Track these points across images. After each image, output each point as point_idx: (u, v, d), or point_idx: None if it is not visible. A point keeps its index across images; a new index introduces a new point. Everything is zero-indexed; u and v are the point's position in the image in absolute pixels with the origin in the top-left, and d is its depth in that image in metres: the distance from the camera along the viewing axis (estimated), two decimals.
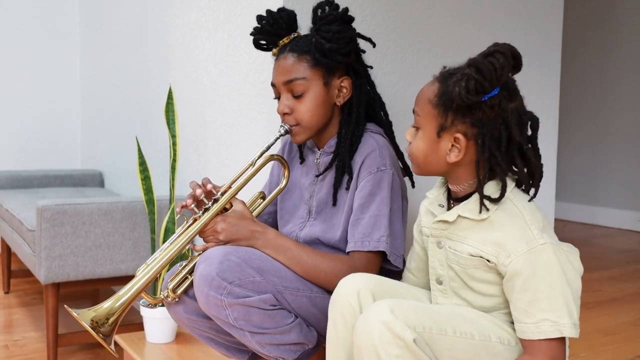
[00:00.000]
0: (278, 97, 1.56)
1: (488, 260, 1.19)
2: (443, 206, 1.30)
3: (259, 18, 1.59)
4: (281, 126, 1.53)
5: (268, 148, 1.52)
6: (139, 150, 2.28)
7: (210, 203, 1.46)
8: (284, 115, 1.54)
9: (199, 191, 1.44)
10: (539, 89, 2.48)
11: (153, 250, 2.28)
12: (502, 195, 1.19)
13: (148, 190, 2.27)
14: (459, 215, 1.23)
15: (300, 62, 1.51)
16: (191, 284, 1.49)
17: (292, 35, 1.57)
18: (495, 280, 1.21)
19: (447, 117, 1.19)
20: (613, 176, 4.26)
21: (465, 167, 1.23)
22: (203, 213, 1.46)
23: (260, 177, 1.76)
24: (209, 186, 1.46)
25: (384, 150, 1.52)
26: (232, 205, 1.49)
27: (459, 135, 1.19)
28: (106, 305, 1.39)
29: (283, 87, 1.53)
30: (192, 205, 1.45)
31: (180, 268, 1.52)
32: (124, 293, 1.40)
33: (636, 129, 4.13)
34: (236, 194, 1.50)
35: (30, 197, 3.04)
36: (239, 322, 1.37)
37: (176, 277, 1.51)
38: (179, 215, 1.47)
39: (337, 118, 1.59)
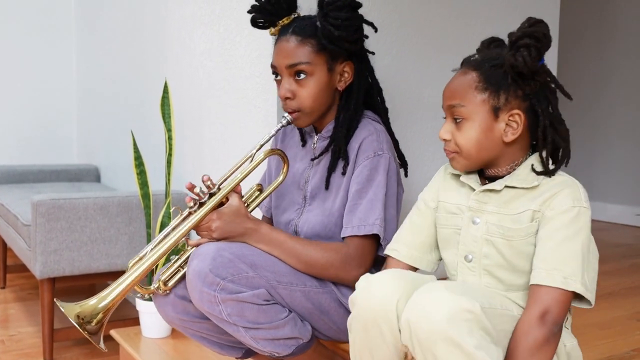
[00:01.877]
0: (275, 75, 1.55)
1: (533, 218, 1.20)
2: (479, 183, 1.31)
3: None
4: (283, 117, 1.52)
5: (269, 139, 1.51)
6: (135, 144, 2.27)
7: (206, 197, 1.44)
8: (285, 99, 1.52)
9: (196, 190, 1.43)
10: None
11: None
12: (563, 159, 1.24)
13: (144, 184, 2.27)
14: (506, 186, 1.24)
15: (305, 46, 1.50)
16: (183, 277, 1.49)
17: (293, 16, 1.55)
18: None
19: (499, 96, 1.21)
20: (609, 171, 4.27)
21: (518, 144, 1.25)
22: (198, 208, 1.44)
23: (258, 169, 1.76)
24: (207, 181, 1.45)
25: (381, 135, 1.52)
26: (227, 200, 1.47)
27: (516, 111, 1.21)
28: (91, 302, 1.38)
29: (285, 71, 1.51)
30: (190, 204, 1.44)
31: (172, 261, 1.51)
32: (110, 292, 1.39)
33: (632, 123, 4.13)
34: (233, 189, 1.48)
35: (26, 192, 3.04)
36: (232, 317, 1.37)
37: (168, 270, 1.50)
38: (173, 208, 1.46)
39: (336, 103, 1.58)
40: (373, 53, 1.63)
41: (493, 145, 1.24)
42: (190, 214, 1.46)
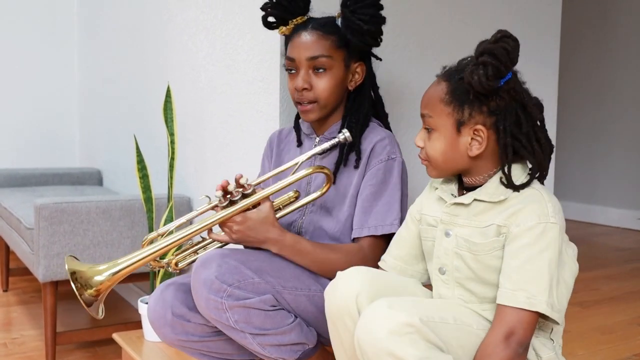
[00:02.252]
0: (289, 70, 1.57)
1: (499, 232, 1.18)
2: (455, 196, 1.30)
3: None
4: (341, 133, 1.48)
5: (322, 152, 1.49)
6: (137, 148, 2.28)
7: (238, 196, 1.43)
8: (302, 90, 1.54)
9: (230, 187, 1.43)
10: (536, 86, 2.45)
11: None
12: (533, 177, 1.21)
13: (146, 188, 2.27)
14: (475, 199, 1.23)
15: (326, 41, 1.54)
16: (192, 262, 1.50)
17: (306, 17, 1.59)
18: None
19: (463, 111, 1.20)
20: (611, 174, 4.26)
21: (486, 158, 1.23)
22: (228, 205, 1.43)
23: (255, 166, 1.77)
24: (241, 181, 1.43)
25: (392, 139, 1.56)
26: (259, 204, 1.45)
27: (479, 127, 1.20)
28: (99, 268, 1.38)
29: (305, 63, 1.54)
30: (220, 194, 1.43)
31: (188, 245, 1.52)
32: (120, 264, 1.39)
33: (633, 127, 4.14)
34: (268, 196, 1.45)
35: (29, 196, 3.04)
36: (239, 324, 1.37)
37: (183, 252, 1.52)
38: (202, 196, 1.45)
39: (342, 104, 1.62)
40: (380, 59, 1.67)
41: (459, 157, 1.23)
42: (217, 206, 1.44)
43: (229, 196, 1.42)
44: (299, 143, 1.67)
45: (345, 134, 1.46)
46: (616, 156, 4.22)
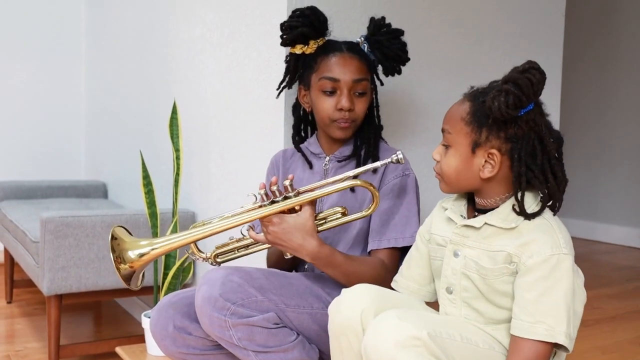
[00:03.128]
0: (327, 91, 1.60)
1: (510, 261, 1.20)
2: (464, 217, 1.32)
3: (303, 10, 1.65)
4: (396, 154, 1.44)
5: (370, 169, 1.47)
6: (143, 164, 2.30)
7: (280, 197, 1.43)
8: (348, 111, 1.59)
9: (273, 187, 1.43)
10: None
11: (155, 263, 2.29)
12: (544, 206, 1.23)
13: (151, 203, 2.29)
14: (486, 223, 1.25)
15: (365, 65, 1.63)
16: (234, 258, 1.55)
17: (326, 38, 1.66)
18: (512, 293, 1.23)
19: (481, 133, 1.22)
20: (614, 192, 4.27)
21: (497, 182, 1.26)
22: (270, 204, 1.43)
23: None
24: (286, 182, 1.43)
25: (404, 156, 1.57)
26: (300, 209, 1.44)
27: (494, 151, 1.22)
28: (141, 242, 1.42)
29: (349, 85, 1.59)
30: (262, 192, 1.43)
31: (230, 240, 1.54)
32: (161, 242, 1.43)
33: (636, 144, 4.14)
34: (309, 202, 1.44)
35: (35, 208, 3.07)
36: (243, 342, 1.38)
37: (224, 247, 1.54)
38: (249, 194, 1.46)
39: None
40: (382, 83, 1.75)
41: (470, 177, 1.26)
42: (261, 205, 1.44)
43: (271, 195, 1.43)
44: (310, 165, 1.70)
45: (399, 155, 1.43)
46: (619, 173, 4.23)
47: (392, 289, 1.43)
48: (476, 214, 1.30)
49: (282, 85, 1.78)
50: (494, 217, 1.24)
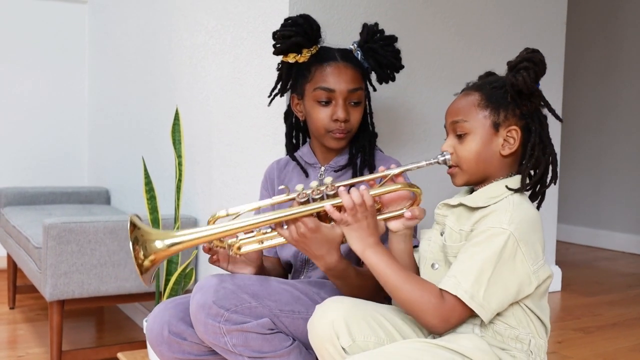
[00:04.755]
0: (322, 101, 1.59)
1: (466, 236, 1.28)
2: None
3: (296, 19, 1.63)
4: (441, 155, 1.36)
5: (414, 168, 1.39)
6: (145, 170, 2.31)
7: (318, 196, 1.34)
8: (343, 122, 1.58)
9: (313, 183, 1.36)
10: None
11: (157, 269, 2.30)
12: (545, 179, 1.35)
13: (153, 209, 2.30)
14: (460, 203, 1.33)
15: (358, 74, 1.63)
16: (257, 250, 1.46)
17: (319, 46, 1.65)
18: None
19: (499, 114, 1.32)
20: (616, 199, 4.27)
21: (510, 160, 1.34)
22: (305, 202, 1.35)
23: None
24: (326, 180, 1.36)
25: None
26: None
27: (514, 127, 1.31)
28: (164, 232, 1.33)
29: (345, 95, 1.59)
30: (300, 188, 1.35)
31: (257, 232, 1.43)
32: (186, 235, 1.33)
33: (638, 150, 4.14)
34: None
35: (38, 214, 3.08)
36: (238, 348, 1.39)
37: (248, 236, 1.42)
38: (282, 187, 1.39)
39: None
40: (375, 89, 1.73)
41: (491, 156, 1.33)
42: (294, 199, 1.37)
43: (308, 192, 1.35)
44: (306, 174, 1.70)
45: (446, 155, 1.36)
46: (621, 180, 4.23)
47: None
48: None
49: (274, 94, 1.76)
50: (469, 198, 1.33)
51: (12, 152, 4.15)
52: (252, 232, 1.44)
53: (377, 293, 1.46)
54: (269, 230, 1.43)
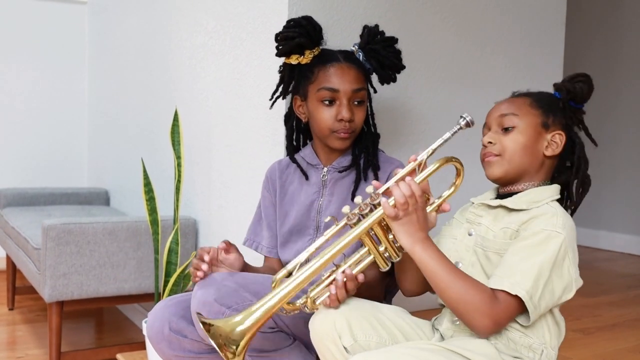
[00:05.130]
0: (326, 101, 1.59)
1: (512, 236, 1.28)
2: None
3: (298, 20, 1.63)
4: (462, 118, 1.31)
5: (442, 143, 1.31)
6: (144, 171, 2.31)
7: (367, 209, 1.27)
8: (348, 121, 1.59)
9: (357, 199, 1.29)
10: None
11: (157, 270, 2.30)
12: (585, 192, 1.43)
13: (152, 210, 2.30)
14: (500, 205, 1.33)
15: (361, 74, 1.64)
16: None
17: (320, 47, 1.66)
18: None
19: (548, 116, 1.36)
20: (616, 200, 4.26)
21: (545, 165, 1.37)
22: (357, 221, 1.27)
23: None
24: (368, 189, 1.29)
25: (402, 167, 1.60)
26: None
27: (561, 132, 1.36)
28: (235, 320, 1.21)
29: (349, 95, 1.59)
30: (347, 210, 1.28)
31: (323, 278, 1.33)
32: (258, 308, 1.22)
33: (639, 151, 4.14)
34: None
35: (37, 215, 3.08)
36: None
37: (318, 287, 1.33)
38: (328, 219, 1.32)
39: None
40: (376, 91, 1.73)
41: (534, 153, 1.35)
42: (346, 224, 1.29)
43: (356, 211, 1.28)
44: (306, 177, 1.70)
45: (467, 117, 1.31)
46: (621, 181, 4.23)
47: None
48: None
49: (275, 96, 1.76)
50: (510, 201, 1.33)
51: (12, 153, 4.15)
52: (323, 282, 1.33)
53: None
54: (334, 274, 1.32)
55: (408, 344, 1.28)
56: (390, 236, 1.30)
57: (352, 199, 1.61)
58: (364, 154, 1.65)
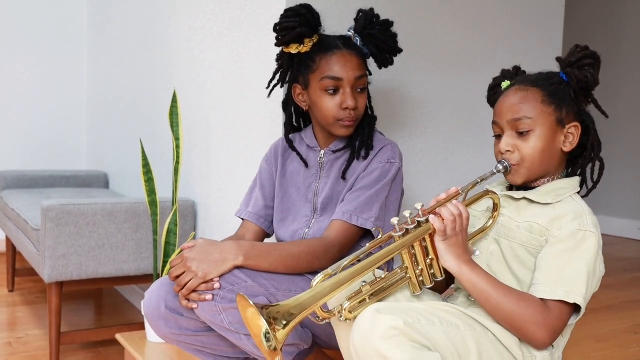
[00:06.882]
0: (330, 89, 1.59)
1: (541, 234, 1.28)
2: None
3: (297, 9, 1.61)
4: (500, 163, 1.34)
5: (480, 182, 1.34)
6: (143, 152, 2.32)
7: (413, 225, 1.27)
8: (353, 109, 1.60)
9: (406, 213, 1.28)
10: None
11: (155, 251, 2.32)
12: (601, 174, 1.39)
13: (151, 192, 2.31)
14: (524, 197, 1.34)
15: (363, 60, 1.64)
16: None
17: (319, 35, 1.64)
18: (530, 267, 1.30)
19: (562, 110, 1.32)
20: (614, 185, 4.28)
21: (564, 159, 1.37)
22: (404, 234, 1.27)
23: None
24: (417, 205, 1.30)
25: (395, 147, 1.65)
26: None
27: (576, 123, 1.33)
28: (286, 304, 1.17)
29: (352, 82, 1.60)
30: (395, 222, 1.28)
31: (361, 286, 1.28)
32: (296, 305, 1.17)
33: (637, 137, 4.15)
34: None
35: (36, 197, 3.09)
36: (234, 325, 1.40)
37: (356, 296, 1.27)
38: (374, 229, 1.44)
39: None
40: (371, 73, 1.72)
41: (554, 154, 1.33)
42: (392, 236, 1.29)
43: (404, 225, 1.28)
44: (306, 164, 1.71)
45: (505, 163, 1.34)
46: (619, 166, 4.24)
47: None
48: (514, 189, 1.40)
49: (273, 84, 1.75)
50: (534, 194, 1.33)
51: (11, 136, 4.16)
52: (361, 291, 1.28)
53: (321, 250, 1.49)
54: (375, 286, 1.29)
55: (427, 303, 1.30)
56: (428, 260, 1.31)
57: (343, 177, 1.63)
58: (360, 135, 1.66)
